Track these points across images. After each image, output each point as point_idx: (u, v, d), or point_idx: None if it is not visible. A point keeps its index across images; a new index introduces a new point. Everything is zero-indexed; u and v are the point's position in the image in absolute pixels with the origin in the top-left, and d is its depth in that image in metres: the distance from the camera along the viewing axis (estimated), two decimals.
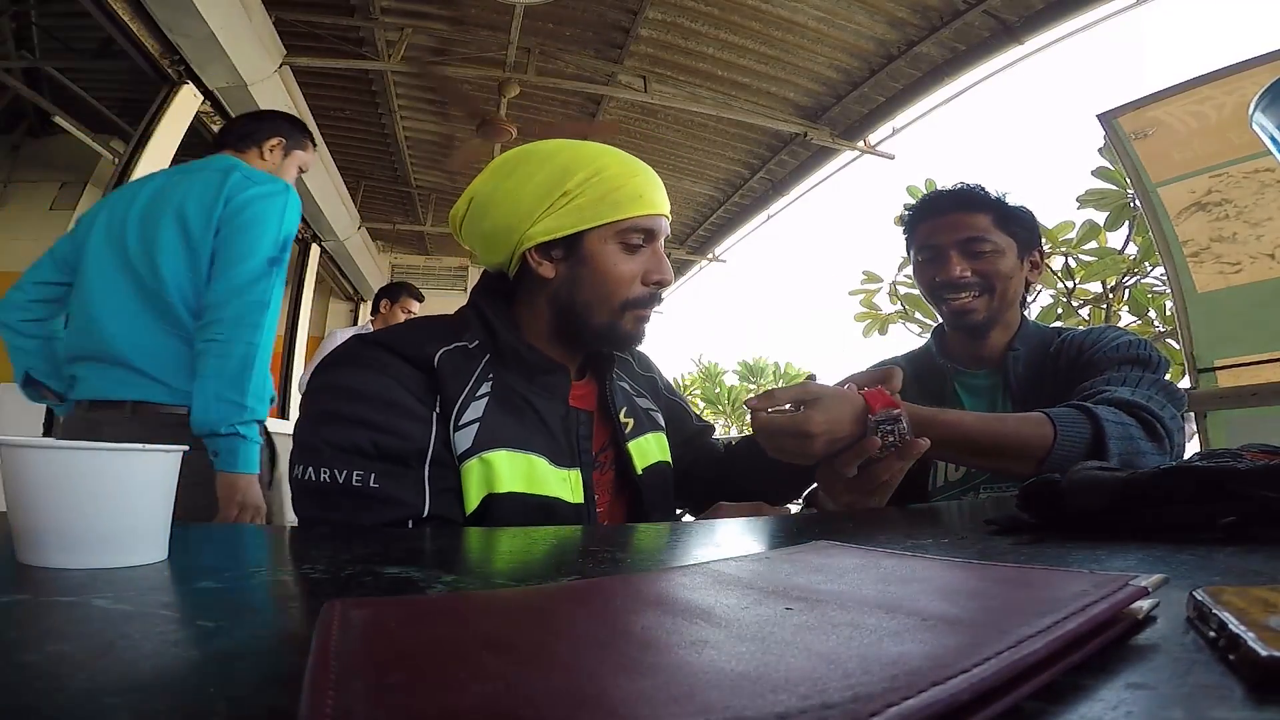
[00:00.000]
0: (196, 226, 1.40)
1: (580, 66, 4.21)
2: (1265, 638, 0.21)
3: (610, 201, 0.77)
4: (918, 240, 1.15)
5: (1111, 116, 2.76)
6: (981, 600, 0.28)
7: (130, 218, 1.45)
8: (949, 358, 1.17)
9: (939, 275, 1.09)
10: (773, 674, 0.20)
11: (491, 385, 0.76)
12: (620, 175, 0.78)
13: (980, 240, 1.08)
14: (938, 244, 1.11)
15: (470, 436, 0.72)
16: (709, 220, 6.46)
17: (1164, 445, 0.84)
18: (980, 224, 1.08)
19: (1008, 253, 1.09)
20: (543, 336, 0.82)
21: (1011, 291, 1.10)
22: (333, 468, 0.68)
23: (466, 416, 0.73)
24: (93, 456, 0.42)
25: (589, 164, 0.77)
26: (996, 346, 1.12)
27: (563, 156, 0.78)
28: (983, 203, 1.10)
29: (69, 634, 0.29)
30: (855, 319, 6.42)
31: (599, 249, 0.78)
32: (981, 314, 1.09)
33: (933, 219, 1.13)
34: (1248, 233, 2.48)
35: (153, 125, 3.19)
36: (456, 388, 0.73)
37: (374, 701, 0.18)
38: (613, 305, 0.79)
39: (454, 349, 0.76)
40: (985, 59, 3.77)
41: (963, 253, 1.08)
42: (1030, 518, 0.54)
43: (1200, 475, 0.48)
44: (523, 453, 0.74)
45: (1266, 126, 1.04)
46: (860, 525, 0.67)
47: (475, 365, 0.76)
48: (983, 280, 1.08)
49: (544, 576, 0.45)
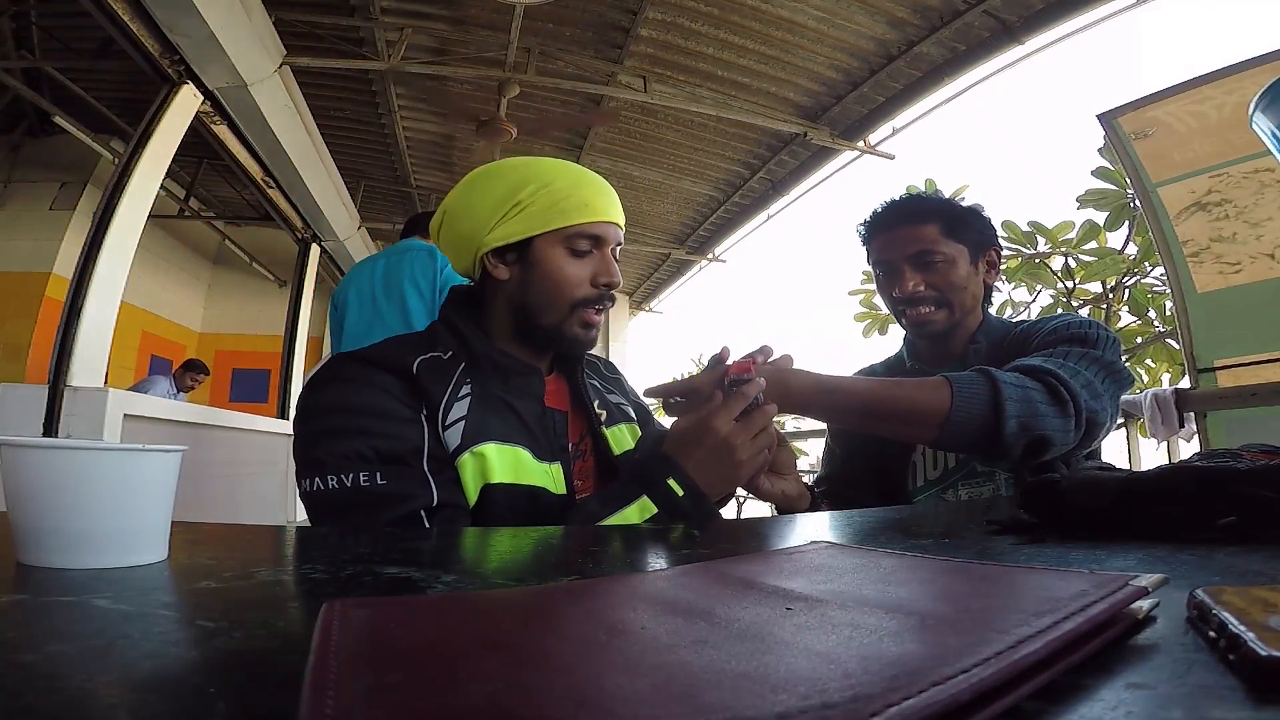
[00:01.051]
0: (427, 290, 2.17)
1: (580, 66, 4.21)
2: (1265, 638, 0.21)
3: (557, 210, 0.83)
4: (873, 255, 1.17)
5: (1111, 116, 2.76)
6: (982, 600, 0.28)
7: (377, 289, 2.21)
8: (916, 360, 1.20)
9: (896, 290, 1.11)
10: (773, 674, 0.20)
11: (471, 387, 0.80)
12: (567, 187, 0.84)
13: (929, 253, 1.09)
14: (889, 260, 1.12)
15: (459, 434, 0.75)
16: (709, 220, 6.45)
17: (1067, 409, 0.84)
18: (928, 235, 1.09)
19: (959, 260, 1.10)
20: (510, 339, 0.87)
21: (969, 299, 1.11)
22: (339, 474, 0.71)
23: (453, 415, 0.76)
24: (93, 456, 0.42)
25: (540, 177, 0.84)
26: (957, 344, 1.14)
27: (519, 171, 0.85)
28: (928, 213, 1.11)
29: (69, 634, 0.29)
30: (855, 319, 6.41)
31: (547, 253, 0.84)
32: (941, 324, 1.10)
33: (884, 234, 1.14)
34: (1248, 233, 2.48)
35: (153, 125, 3.19)
36: (438, 391, 0.77)
37: (374, 701, 0.18)
38: (561, 305, 0.84)
39: (429, 358, 0.80)
40: (985, 59, 3.77)
41: (914, 266, 1.10)
42: (1031, 518, 0.54)
43: (1200, 475, 0.48)
44: (509, 445, 0.78)
45: (1266, 126, 1.04)
46: (860, 525, 0.67)
47: (453, 371, 0.80)
48: (938, 293, 1.09)
49: (543, 576, 0.45)
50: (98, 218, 2.99)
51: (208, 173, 5.50)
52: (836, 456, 1.25)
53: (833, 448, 1.26)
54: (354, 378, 0.77)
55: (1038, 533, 0.52)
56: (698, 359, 15.24)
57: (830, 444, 1.27)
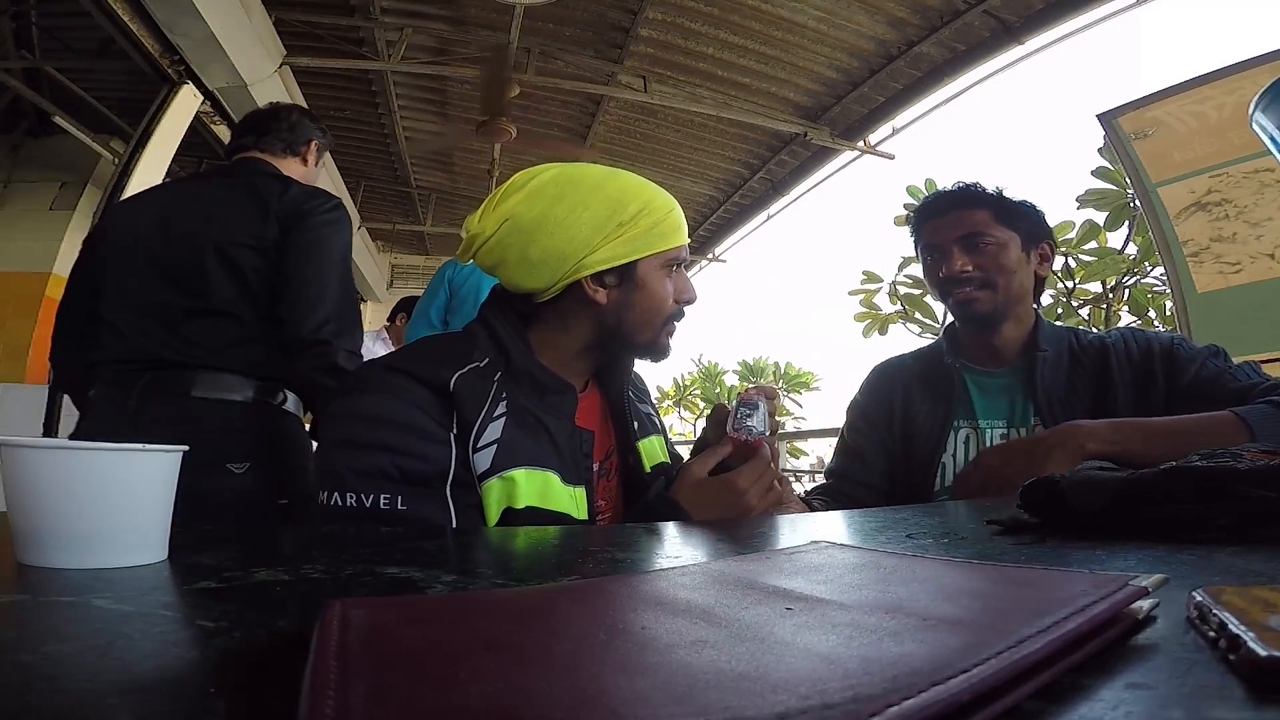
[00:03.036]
0: None
1: (580, 66, 4.21)
2: (1265, 638, 0.21)
3: (659, 232, 0.83)
4: (922, 241, 1.17)
5: (1111, 116, 2.76)
6: (981, 600, 0.28)
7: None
8: (961, 356, 1.16)
9: (944, 271, 1.11)
10: (773, 674, 0.20)
11: (507, 404, 0.77)
12: (664, 208, 0.84)
13: (979, 235, 1.09)
14: (939, 242, 1.12)
15: (489, 458, 0.73)
16: (709, 220, 6.46)
17: None
18: (979, 219, 1.10)
19: (1009, 245, 1.09)
20: (560, 356, 0.85)
21: (1017, 285, 1.10)
22: (358, 492, 0.69)
23: (485, 439, 0.74)
24: (93, 456, 0.42)
25: (637, 196, 0.83)
26: (1011, 342, 1.12)
27: (611, 187, 0.83)
28: (981, 199, 1.11)
29: (69, 634, 0.29)
30: (855, 319, 6.42)
31: (650, 275, 0.83)
32: (986, 306, 1.09)
33: (934, 219, 1.14)
34: (1248, 233, 2.49)
35: (153, 125, 3.20)
36: (473, 411, 0.75)
37: (374, 701, 0.18)
38: (656, 324, 0.85)
39: (467, 372, 0.77)
40: (985, 59, 3.77)
41: (963, 248, 1.10)
42: (1031, 517, 0.54)
43: (1200, 475, 0.48)
44: (540, 469, 0.76)
45: (1266, 126, 1.04)
46: (861, 525, 0.67)
47: (489, 386, 0.77)
48: (984, 274, 1.09)
49: (544, 576, 0.45)
50: (97, 218, 2.99)
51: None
52: (854, 452, 1.21)
53: (850, 442, 1.22)
54: (387, 388, 0.75)
55: (1038, 532, 0.52)
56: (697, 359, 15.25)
57: (848, 438, 1.23)
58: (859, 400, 1.25)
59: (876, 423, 1.19)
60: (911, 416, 1.16)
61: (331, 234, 1.34)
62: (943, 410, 1.13)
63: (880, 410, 1.20)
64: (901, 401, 1.18)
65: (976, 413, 1.12)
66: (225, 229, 1.31)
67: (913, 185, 5.99)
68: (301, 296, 1.27)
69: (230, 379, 1.28)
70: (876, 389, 1.23)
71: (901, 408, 1.17)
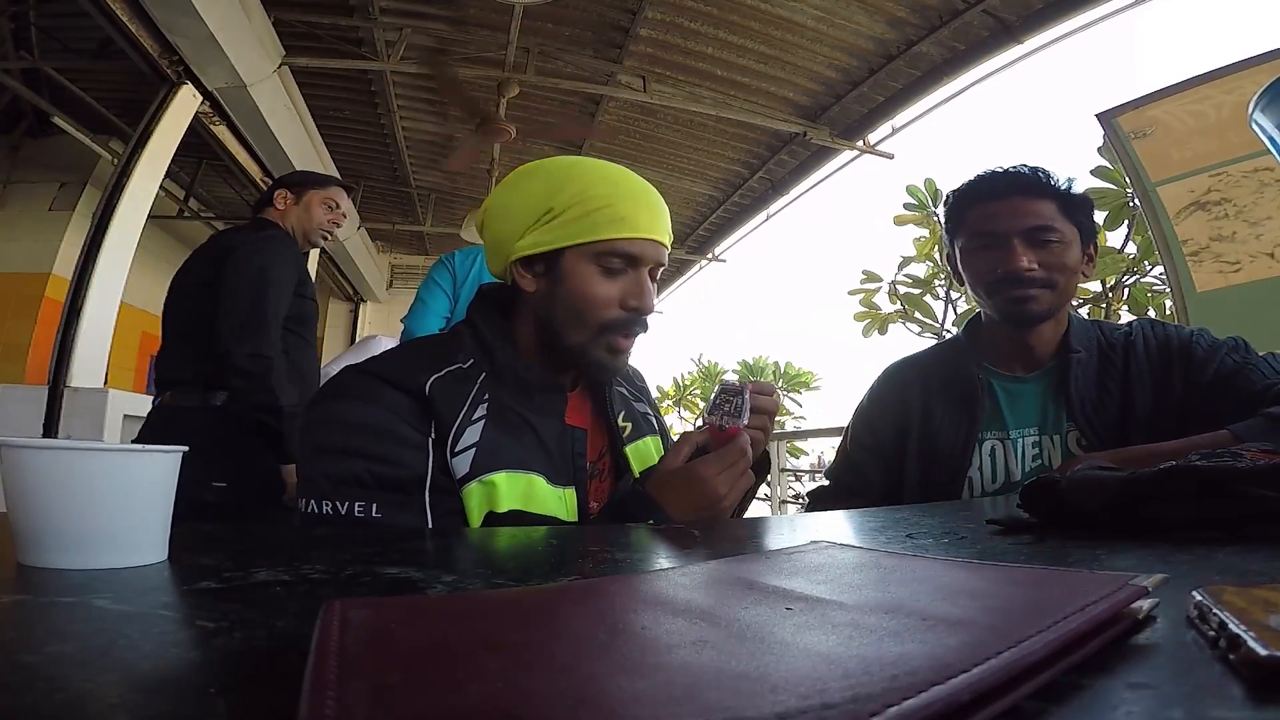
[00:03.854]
0: None
1: (579, 66, 4.21)
2: (1265, 638, 0.21)
3: (589, 222, 0.77)
4: (970, 226, 1.04)
5: (1111, 116, 2.76)
6: (982, 600, 0.28)
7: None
8: (985, 359, 1.07)
9: (1002, 267, 0.98)
10: (773, 674, 0.20)
11: (488, 407, 0.75)
12: (605, 196, 0.77)
13: (1047, 229, 0.98)
14: (998, 231, 1.00)
15: (468, 461, 0.72)
16: (709, 220, 6.45)
17: None
18: (1046, 212, 0.99)
19: (1073, 244, 1.00)
20: (536, 353, 0.82)
21: (1073, 287, 1.01)
22: (335, 500, 0.69)
23: (463, 442, 0.72)
24: (93, 457, 0.42)
25: (576, 181, 0.78)
26: (1045, 345, 1.03)
27: (557, 173, 0.79)
28: (1047, 189, 1.00)
29: (69, 634, 0.29)
30: (855, 319, 6.42)
31: (575, 268, 0.78)
32: (1044, 310, 0.99)
33: (989, 203, 1.02)
34: (1247, 232, 2.49)
35: (152, 126, 3.19)
36: (450, 414, 0.73)
37: (374, 701, 0.18)
38: (587, 326, 0.78)
39: (445, 375, 0.75)
40: (984, 59, 3.77)
41: (1028, 242, 0.98)
42: (1032, 517, 0.54)
43: (1201, 475, 0.48)
44: (523, 473, 0.74)
45: (1265, 126, 1.04)
46: (861, 525, 0.67)
47: (469, 388, 0.76)
48: (1048, 275, 0.98)
49: (544, 576, 0.45)
50: (97, 218, 3.00)
51: (207, 173, 5.49)
52: (855, 464, 1.12)
53: (852, 454, 1.13)
54: (362, 393, 0.73)
55: (1038, 532, 0.52)
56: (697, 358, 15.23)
57: (850, 449, 1.14)
58: (866, 408, 1.16)
59: (884, 438, 1.10)
60: (931, 426, 1.06)
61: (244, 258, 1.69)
62: (968, 422, 1.03)
63: (890, 421, 1.10)
64: (920, 409, 1.08)
65: (1007, 424, 1.03)
66: None
67: (912, 185, 5.99)
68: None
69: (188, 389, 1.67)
70: (886, 397, 1.13)
71: (920, 417, 1.08)
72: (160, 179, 3.30)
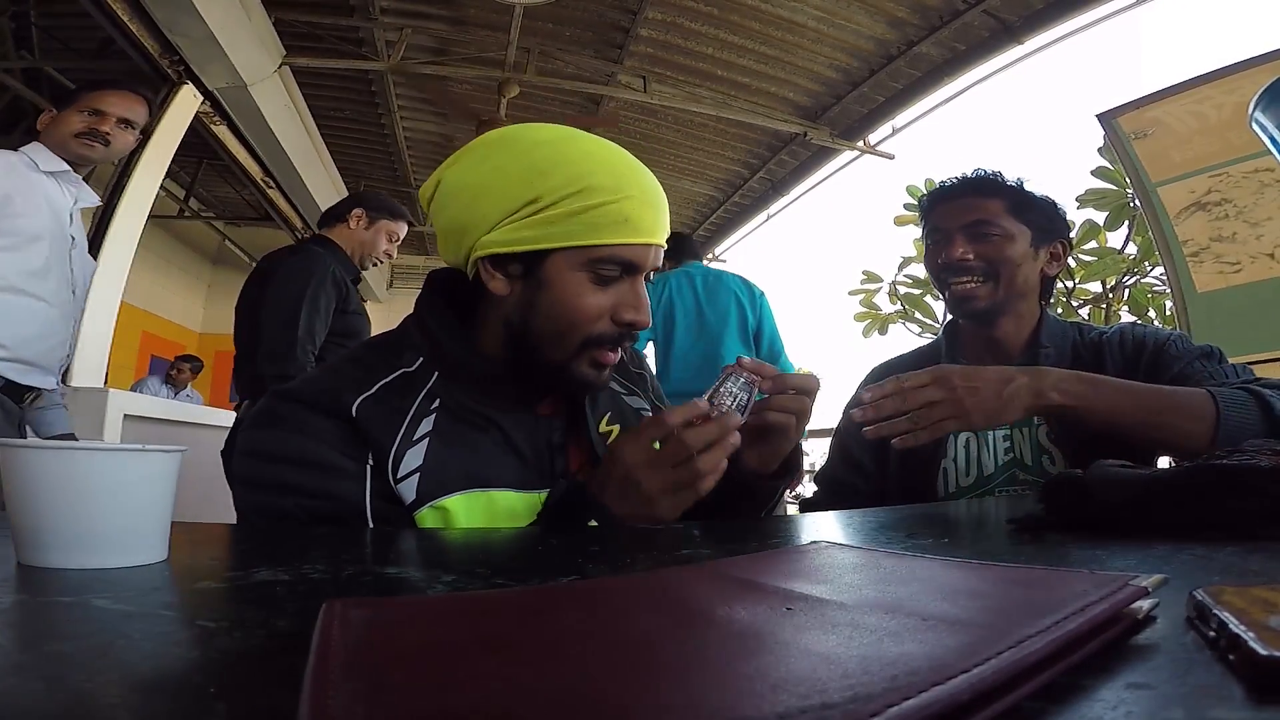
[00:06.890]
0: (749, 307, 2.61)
1: (580, 67, 4.21)
2: (1265, 638, 0.21)
3: (587, 221, 0.63)
4: (929, 225, 1.11)
5: (1111, 116, 2.76)
6: (981, 600, 0.28)
7: (701, 299, 2.56)
8: (961, 355, 1.11)
9: (941, 257, 1.05)
10: (772, 674, 0.20)
11: (435, 419, 0.66)
12: (608, 191, 0.64)
13: (986, 224, 1.03)
14: (944, 227, 1.07)
15: (413, 488, 0.63)
16: (709, 220, 6.45)
17: None
18: (990, 208, 1.04)
19: (1017, 239, 1.04)
20: (500, 361, 0.71)
21: (1020, 280, 1.04)
22: None
23: (405, 467, 0.64)
24: (93, 457, 0.42)
25: (570, 165, 0.64)
26: (1012, 341, 1.07)
27: (544, 150, 0.65)
28: (995, 188, 1.06)
29: (69, 634, 0.29)
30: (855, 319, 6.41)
31: (562, 274, 0.65)
32: (984, 301, 1.04)
33: (944, 203, 1.09)
34: (1247, 232, 2.48)
35: (152, 125, 3.19)
36: (385, 437, 0.64)
37: (374, 701, 0.18)
38: (570, 341, 0.67)
39: (376, 391, 0.66)
40: (985, 59, 3.77)
41: (968, 236, 1.04)
42: (1050, 515, 0.53)
43: (1226, 473, 0.48)
44: (479, 490, 0.65)
45: (1266, 126, 1.04)
46: (861, 525, 0.67)
47: (409, 401, 0.66)
48: (986, 265, 1.03)
49: (544, 576, 0.45)
50: (97, 218, 2.99)
51: (207, 173, 5.50)
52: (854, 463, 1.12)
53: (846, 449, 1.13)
54: (285, 422, 0.64)
55: (1058, 530, 0.52)
56: None
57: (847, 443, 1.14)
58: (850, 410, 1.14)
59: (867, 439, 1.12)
60: None
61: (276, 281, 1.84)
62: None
63: None
64: None
65: None
66: None
67: (913, 185, 5.98)
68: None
69: None
70: None
71: None
72: (161, 179, 3.30)
